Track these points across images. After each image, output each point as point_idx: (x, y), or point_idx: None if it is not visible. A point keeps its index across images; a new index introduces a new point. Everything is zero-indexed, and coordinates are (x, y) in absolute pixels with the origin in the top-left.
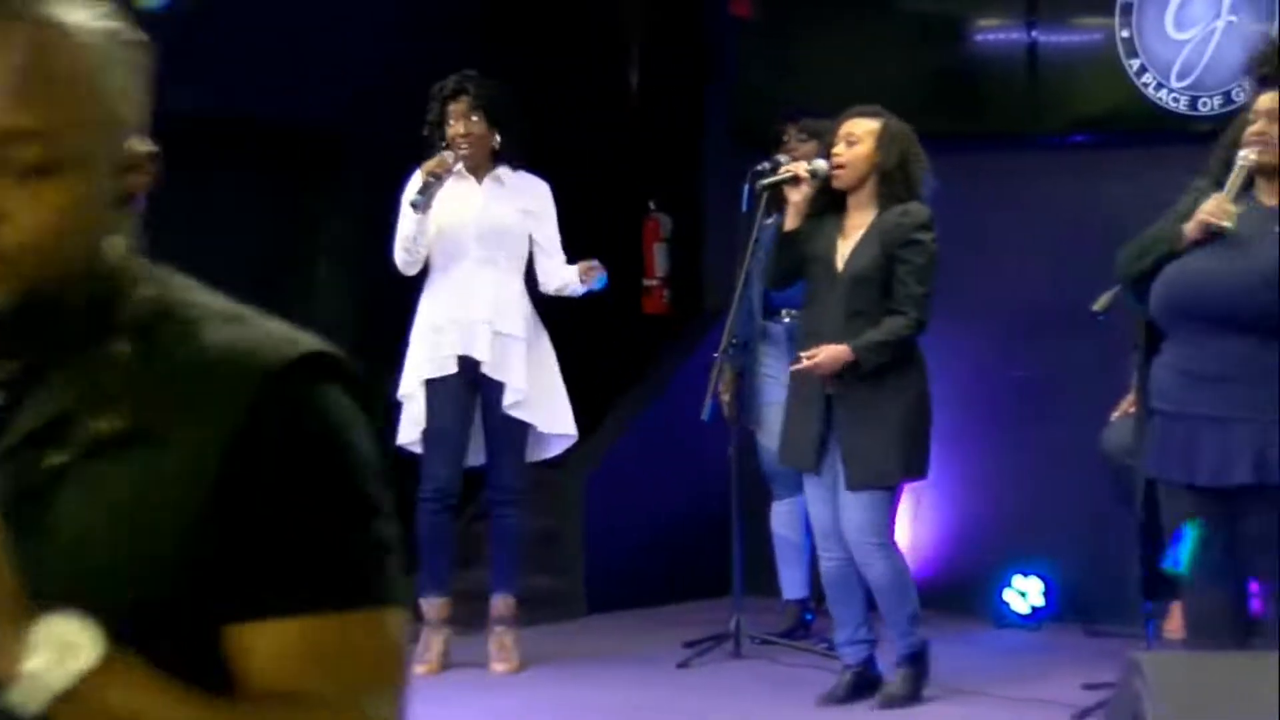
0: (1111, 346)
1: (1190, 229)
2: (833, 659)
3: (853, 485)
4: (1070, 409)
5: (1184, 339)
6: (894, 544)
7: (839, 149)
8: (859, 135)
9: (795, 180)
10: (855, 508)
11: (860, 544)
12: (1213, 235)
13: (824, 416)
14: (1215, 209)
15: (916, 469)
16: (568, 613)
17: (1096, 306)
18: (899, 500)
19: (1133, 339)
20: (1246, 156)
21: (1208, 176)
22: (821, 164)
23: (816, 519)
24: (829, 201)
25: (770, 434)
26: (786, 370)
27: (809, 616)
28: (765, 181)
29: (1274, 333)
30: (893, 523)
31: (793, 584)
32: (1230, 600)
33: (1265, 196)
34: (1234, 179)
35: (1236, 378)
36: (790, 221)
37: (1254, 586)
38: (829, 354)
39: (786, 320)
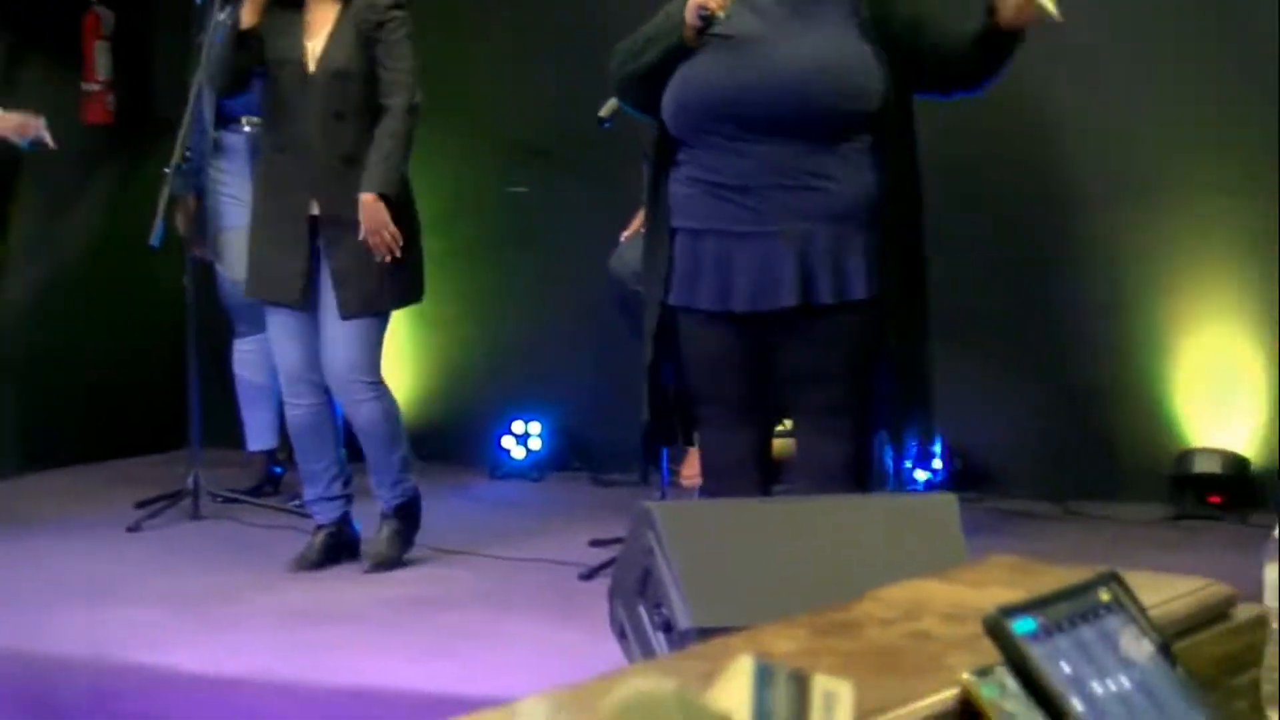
0: (621, 158)
1: (689, 17)
2: (306, 517)
3: (346, 313)
4: (574, 230)
5: (707, 148)
6: (384, 383)
7: None
8: None
9: None
10: (343, 343)
11: (349, 383)
12: (712, 30)
13: (309, 241)
14: None
15: (412, 294)
16: None
17: (603, 112)
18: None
19: (643, 148)
20: None
21: None
22: None
23: (285, 361)
24: None
25: (232, 263)
26: (248, 188)
27: (277, 470)
28: None
29: (807, 134)
30: (380, 359)
31: (259, 433)
32: (753, 442)
33: None
34: None
35: (770, 187)
36: (247, 17)
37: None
38: (371, 222)
39: (247, 129)
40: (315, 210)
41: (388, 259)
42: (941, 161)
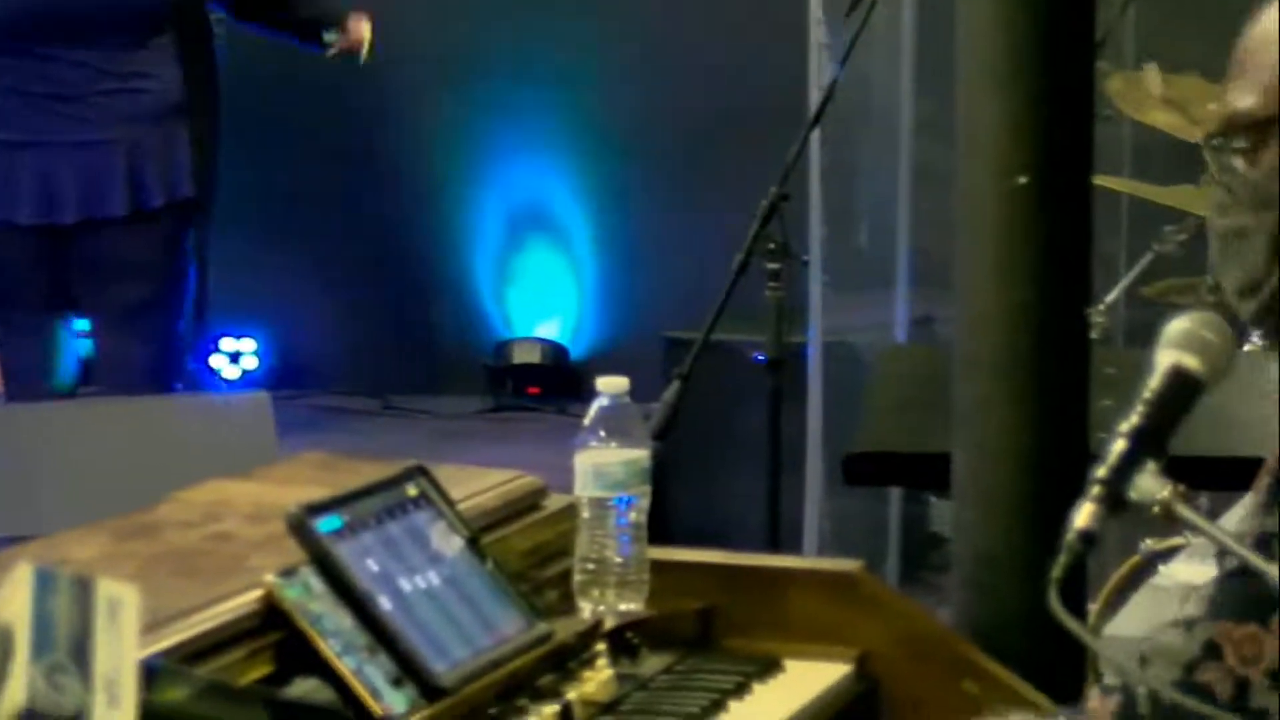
0: None
1: None
2: None
3: None
4: None
5: (18, 57)
6: None
7: None
8: None
9: None
10: None
11: None
12: None
13: None
14: None
15: None
16: None
17: None
18: None
19: None
20: None
21: None
22: None
23: None
24: None
25: None
26: None
27: None
28: None
29: (110, 36)
30: None
31: None
32: (56, 343)
33: None
34: None
35: (89, 94)
36: None
37: None
38: None
39: None
40: None
41: None
42: (260, 53)
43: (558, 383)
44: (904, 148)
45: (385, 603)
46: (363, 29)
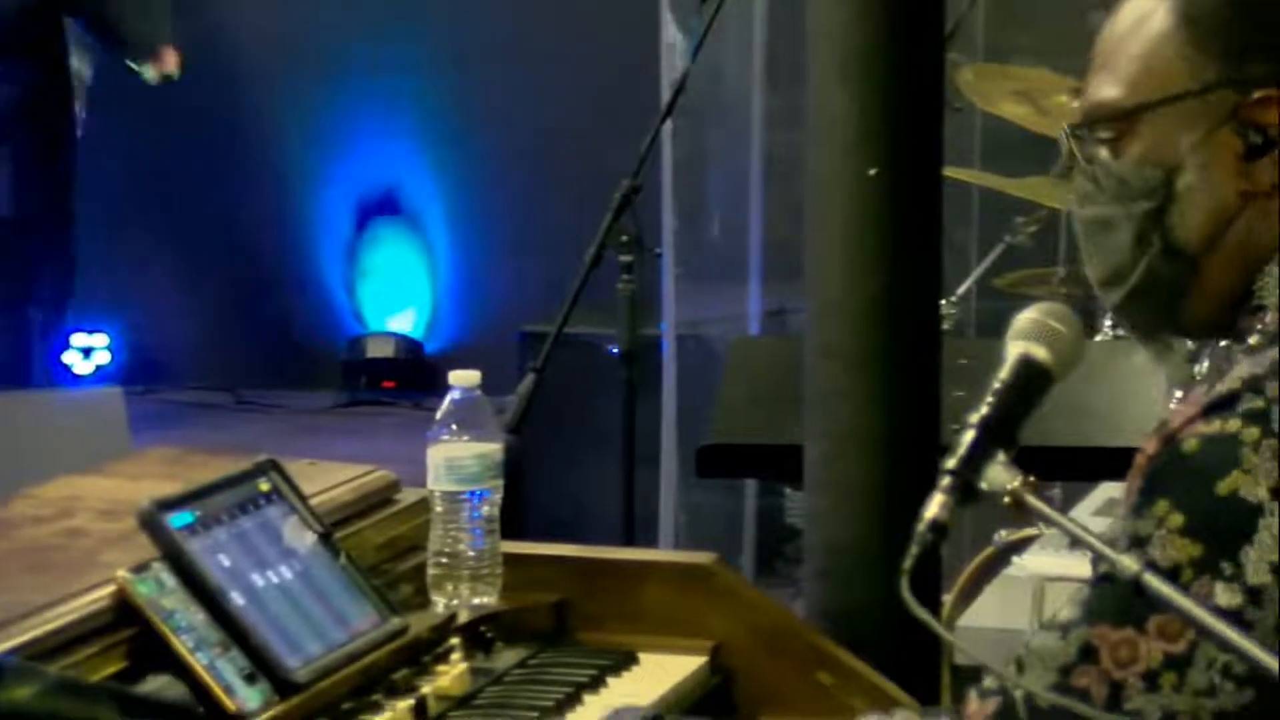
0: None
1: None
2: None
3: None
4: None
5: None
6: None
7: None
8: None
9: None
10: None
11: None
12: None
13: None
14: None
15: None
16: None
17: None
18: None
19: None
20: None
21: None
22: None
23: None
24: None
25: None
26: None
27: None
28: None
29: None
30: None
31: None
32: None
33: None
34: None
35: None
36: None
37: None
38: None
39: None
40: None
41: None
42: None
43: (413, 377)
44: (755, 139)
45: (238, 598)
46: (172, 63)
